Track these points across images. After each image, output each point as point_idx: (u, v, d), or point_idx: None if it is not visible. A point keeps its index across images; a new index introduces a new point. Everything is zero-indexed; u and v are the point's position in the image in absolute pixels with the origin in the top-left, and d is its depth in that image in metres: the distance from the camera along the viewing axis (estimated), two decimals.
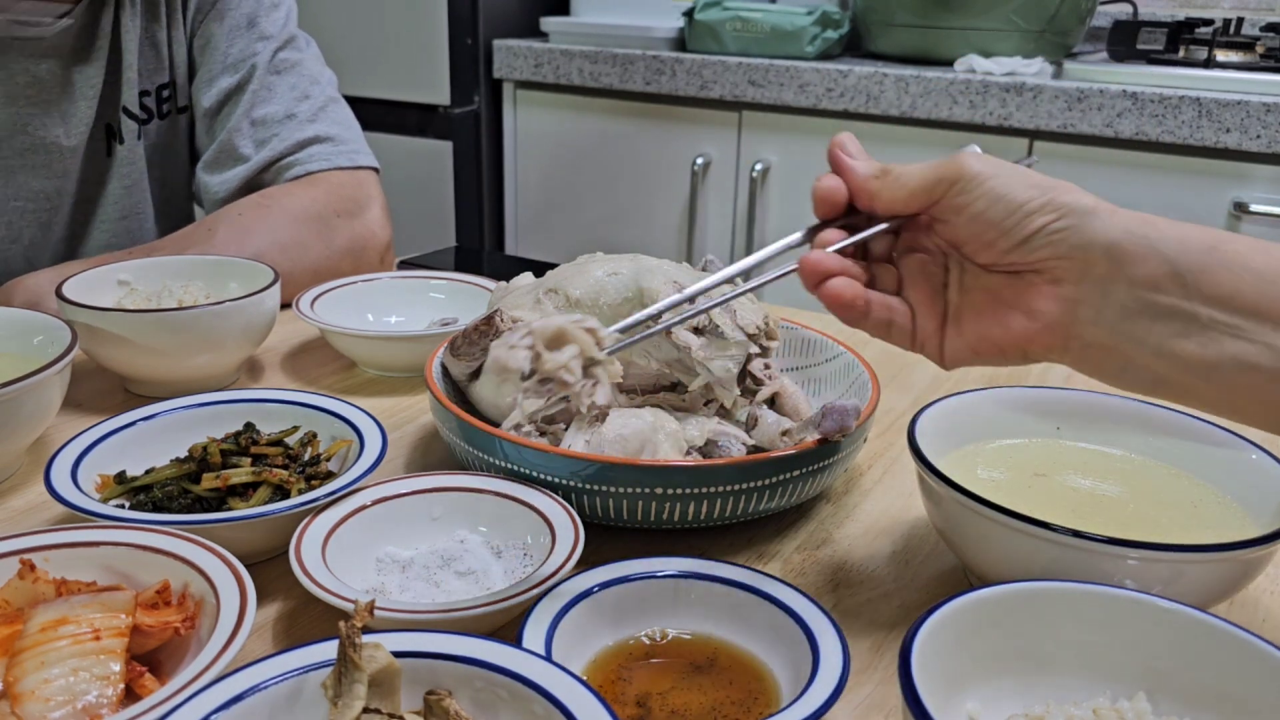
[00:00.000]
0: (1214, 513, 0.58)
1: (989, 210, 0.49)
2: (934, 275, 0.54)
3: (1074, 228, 0.48)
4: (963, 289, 0.53)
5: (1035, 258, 0.49)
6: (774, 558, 0.63)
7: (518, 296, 0.72)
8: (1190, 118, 1.50)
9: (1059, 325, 0.50)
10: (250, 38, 1.08)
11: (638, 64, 1.92)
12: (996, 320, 0.51)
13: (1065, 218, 0.48)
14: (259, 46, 1.08)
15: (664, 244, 2.01)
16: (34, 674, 0.44)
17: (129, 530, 0.53)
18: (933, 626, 0.43)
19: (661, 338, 0.66)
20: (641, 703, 0.49)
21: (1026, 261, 0.49)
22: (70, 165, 1.04)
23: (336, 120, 1.11)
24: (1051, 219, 0.48)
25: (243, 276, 0.87)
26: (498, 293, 0.76)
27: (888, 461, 0.75)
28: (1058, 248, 0.48)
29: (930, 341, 0.53)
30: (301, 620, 0.56)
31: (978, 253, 0.51)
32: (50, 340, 0.72)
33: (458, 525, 0.60)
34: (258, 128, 1.07)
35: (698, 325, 0.67)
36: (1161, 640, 0.45)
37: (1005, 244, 0.49)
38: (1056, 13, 1.74)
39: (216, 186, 1.08)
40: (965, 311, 0.53)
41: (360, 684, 0.40)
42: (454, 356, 0.70)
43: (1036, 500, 0.58)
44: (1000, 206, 0.49)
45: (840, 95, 1.74)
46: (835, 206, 0.54)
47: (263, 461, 0.63)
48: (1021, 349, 0.51)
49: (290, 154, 1.07)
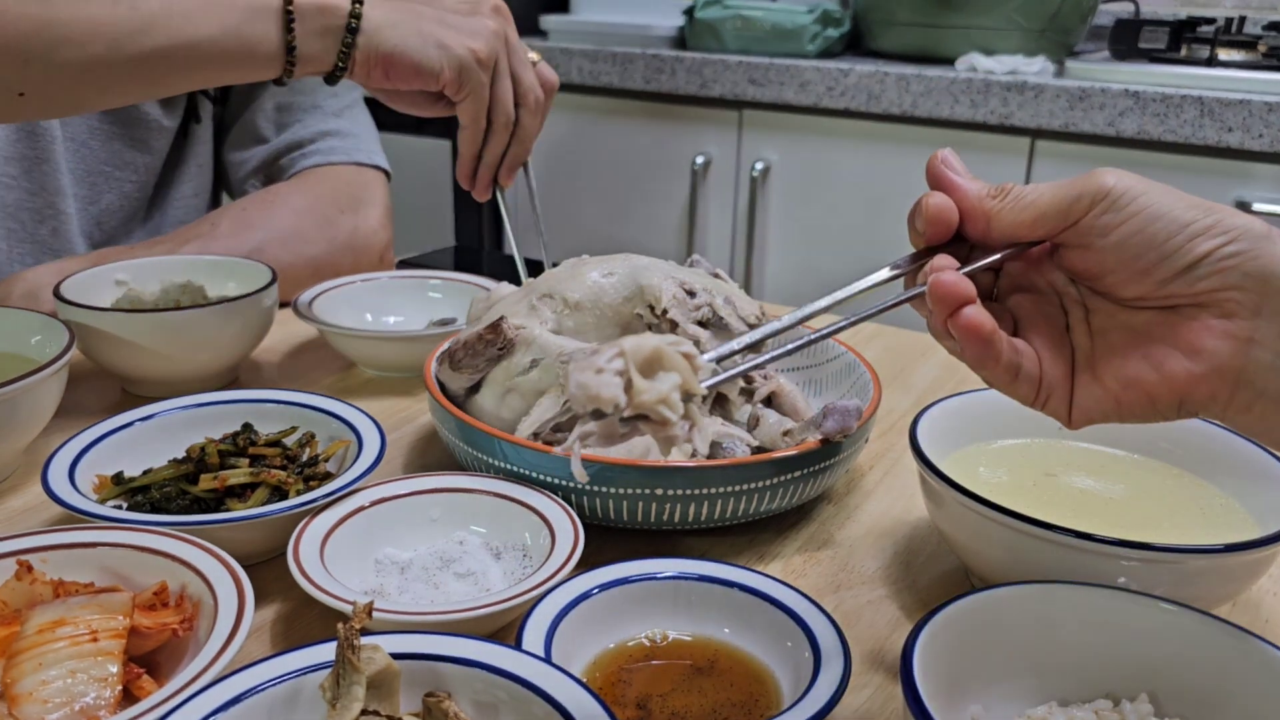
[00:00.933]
0: (1216, 513, 0.58)
1: (1146, 229, 0.41)
2: (1054, 318, 0.46)
3: (1248, 253, 0.40)
4: (1093, 332, 0.45)
5: (1201, 288, 0.41)
6: (775, 559, 0.63)
7: (508, 305, 0.70)
8: (1192, 117, 1.50)
9: (1229, 369, 0.41)
10: None
11: (637, 62, 1.92)
12: (1149, 362, 0.43)
13: (1237, 241, 0.40)
14: None
15: (664, 244, 2.01)
16: (32, 675, 0.44)
17: (126, 531, 0.53)
18: (935, 628, 0.43)
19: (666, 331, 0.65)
20: (642, 705, 0.48)
21: (1189, 293, 0.41)
22: (163, 144, 1.09)
23: (357, 120, 1.15)
24: (1222, 242, 0.40)
25: (241, 276, 0.87)
26: (478, 304, 0.73)
27: (889, 462, 0.75)
28: (1228, 276, 0.40)
29: (1058, 392, 0.45)
30: (300, 622, 0.56)
31: (1124, 284, 0.43)
32: (48, 340, 0.72)
33: (457, 526, 0.60)
34: (281, 113, 1.11)
35: (702, 318, 0.66)
36: (1164, 642, 0.45)
37: (1164, 271, 0.41)
38: (1058, 11, 1.74)
39: (236, 164, 1.13)
40: (1102, 355, 0.44)
41: (359, 686, 0.40)
42: (453, 370, 0.67)
43: (1038, 501, 0.58)
44: (1160, 226, 0.41)
45: (841, 94, 1.73)
46: (947, 229, 0.45)
47: (261, 462, 0.63)
48: (1179, 397, 0.42)
49: (308, 142, 1.10)
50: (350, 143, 1.11)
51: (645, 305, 0.67)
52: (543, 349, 0.65)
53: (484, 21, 0.77)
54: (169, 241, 0.95)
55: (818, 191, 1.84)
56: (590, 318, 0.67)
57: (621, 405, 0.40)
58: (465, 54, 0.75)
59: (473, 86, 0.77)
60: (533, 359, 0.66)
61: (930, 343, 0.98)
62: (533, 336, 0.66)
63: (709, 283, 0.70)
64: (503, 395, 0.66)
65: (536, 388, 0.65)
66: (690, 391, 0.42)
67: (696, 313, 0.66)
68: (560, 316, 0.68)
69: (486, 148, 0.81)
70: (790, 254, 1.90)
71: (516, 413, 0.66)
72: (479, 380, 0.68)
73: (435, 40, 0.75)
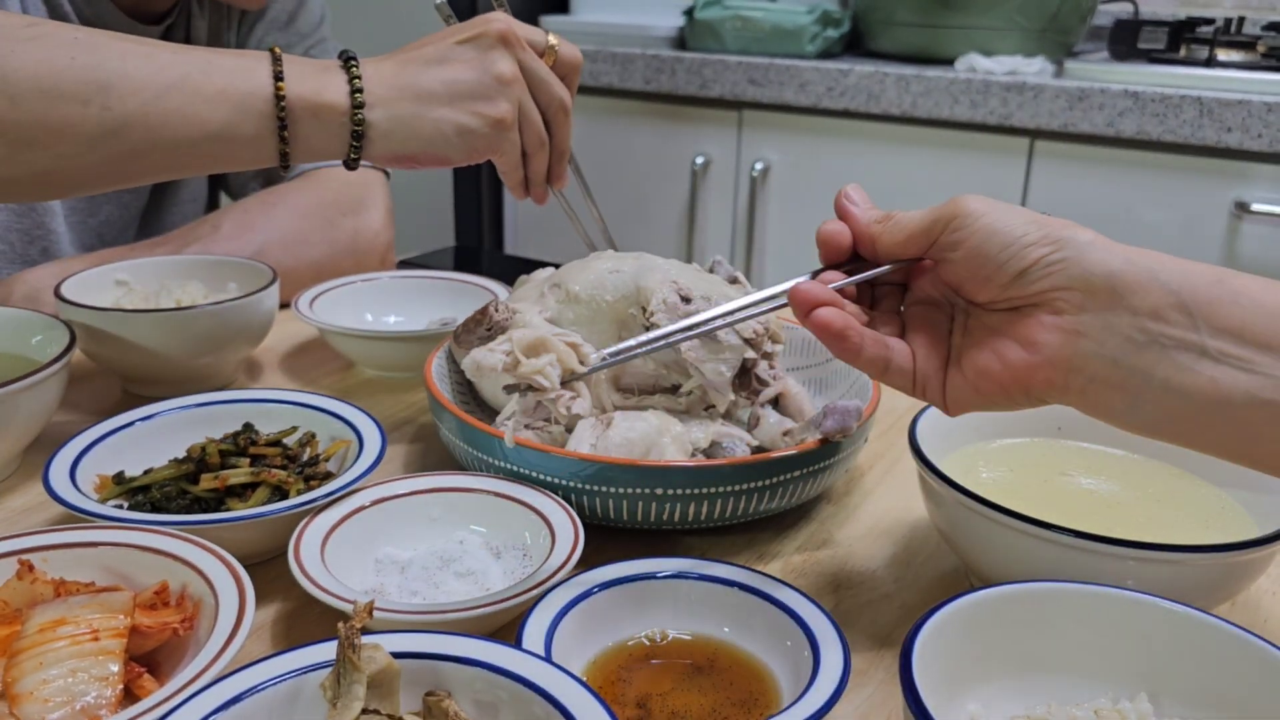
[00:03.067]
0: (1216, 513, 0.58)
1: (984, 245, 0.48)
2: (938, 322, 0.53)
3: (1071, 259, 0.47)
4: (965, 331, 0.52)
5: (1034, 290, 0.48)
6: (774, 558, 0.63)
7: (525, 290, 0.72)
8: (1192, 117, 1.50)
9: (1060, 358, 0.48)
10: (288, 34, 1.12)
11: (637, 63, 1.92)
12: (995, 354, 0.49)
13: (1062, 249, 0.47)
14: (293, 39, 1.12)
15: (664, 244, 2.01)
16: (32, 674, 0.44)
17: (127, 531, 0.53)
18: (934, 627, 0.43)
19: None
20: (642, 704, 0.49)
21: (1025, 295, 0.48)
22: None
23: None
24: (1049, 251, 0.47)
25: (242, 276, 0.87)
26: (518, 285, 0.77)
27: (889, 462, 0.75)
28: (1056, 279, 0.47)
29: (932, 383, 0.52)
30: (300, 621, 0.56)
31: (977, 291, 0.50)
32: (49, 340, 0.72)
33: (457, 526, 0.60)
34: None
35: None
36: (1163, 641, 0.45)
37: (1002, 278, 0.48)
38: (1058, 12, 1.74)
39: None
40: (966, 350, 0.51)
41: (359, 685, 0.40)
42: (456, 345, 0.71)
43: (1038, 500, 0.58)
44: (995, 240, 0.48)
45: (841, 94, 1.74)
46: (839, 251, 0.54)
47: (261, 462, 0.63)
48: (1023, 385, 0.49)
49: None
50: None
51: (639, 305, 0.67)
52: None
53: (496, 67, 0.69)
54: (171, 242, 0.95)
55: (817, 191, 1.84)
56: (587, 311, 0.68)
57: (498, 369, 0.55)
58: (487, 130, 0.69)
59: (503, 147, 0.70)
60: None
61: None
62: (525, 322, 0.67)
63: (714, 290, 0.69)
64: (471, 372, 0.67)
65: None
66: (570, 369, 0.55)
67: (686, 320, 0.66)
68: (561, 306, 0.68)
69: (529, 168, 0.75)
70: (790, 254, 1.90)
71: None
72: None
73: (453, 127, 0.67)
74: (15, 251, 1.00)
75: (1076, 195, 1.62)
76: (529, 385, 0.55)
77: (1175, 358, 0.46)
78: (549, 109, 0.73)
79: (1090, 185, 1.61)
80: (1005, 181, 1.65)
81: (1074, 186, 1.62)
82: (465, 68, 0.68)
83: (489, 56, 0.69)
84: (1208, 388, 0.46)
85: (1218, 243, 1.54)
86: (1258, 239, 1.52)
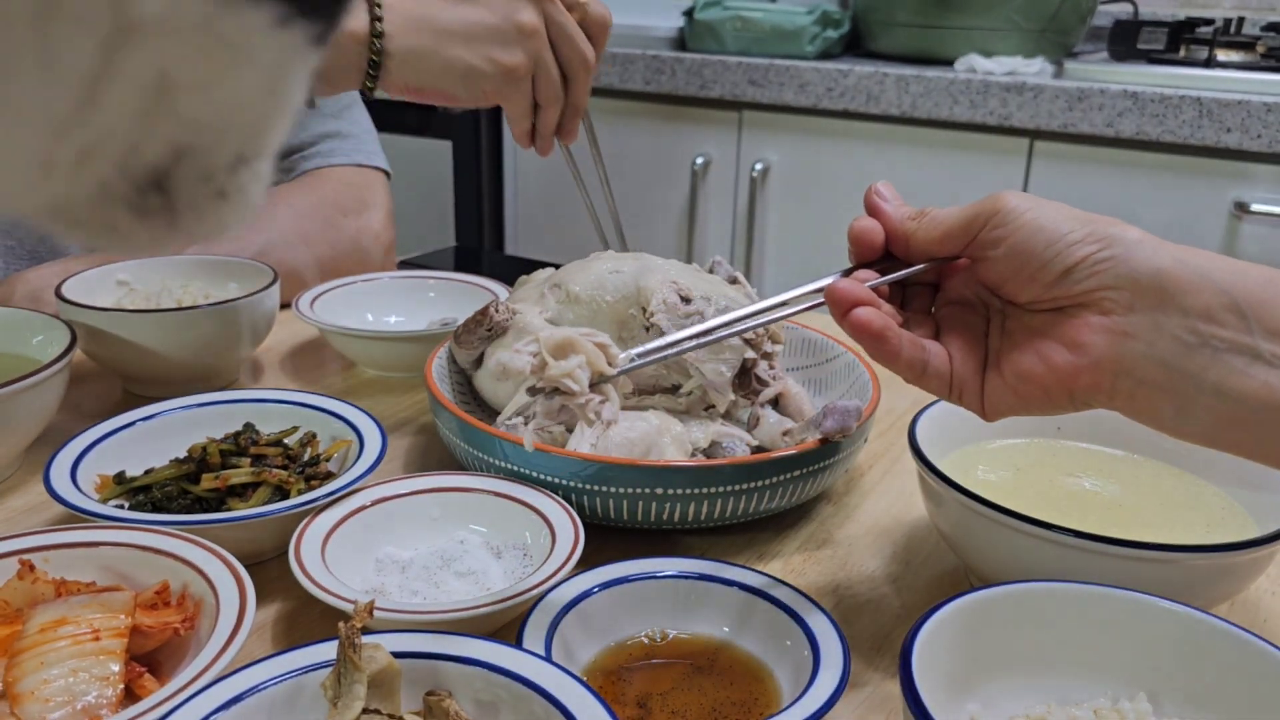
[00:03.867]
0: (1216, 513, 0.58)
1: (1029, 241, 0.46)
2: (974, 324, 0.51)
3: (1119, 257, 0.45)
4: (1004, 333, 0.50)
5: (1080, 289, 0.46)
6: (775, 558, 0.63)
7: (526, 290, 0.73)
8: (1191, 117, 1.50)
9: (1107, 360, 0.46)
10: None
11: (637, 63, 1.92)
12: (1038, 356, 0.47)
13: (1110, 247, 0.45)
14: None
15: (664, 244, 2.01)
16: (33, 674, 0.44)
17: (128, 530, 0.53)
18: (934, 627, 0.43)
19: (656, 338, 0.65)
20: (642, 703, 0.49)
21: (1071, 295, 0.46)
22: None
23: (356, 121, 1.14)
24: (1095, 249, 0.45)
25: (243, 276, 0.87)
26: (518, 285, 0.77)
27: (889, 462, 0.75)
28: (1103, 278, 0.45)
29: (969, 386, 0.49)
30: (301, 621, 0.56)
31: (1019, 290, 0.48)
32: (49, 340, 0.72)
33: (457, 526, 0.60)
34: None
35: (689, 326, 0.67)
36: (1162, 641, 0.45)
37: (1047, 276, 0.46)
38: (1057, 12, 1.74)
39: None
40: (1005, 353, 0.49)
41: (360, 685, 0.40)
42: (456, 345, 0.71)
43: (1037, 500, 0.58)
44: (1041, 237, 0.46)
45: (840, 95, 1.74)
46: (871, 249, 0.51)
47: (262, 462, 0.63)
48: (1067, 389, 0.47)
49: (309, 145, 1.09)
50: (350, 144, 1.11)
51: (639, 306, 0.67)
52: (529, 335, 0.67)
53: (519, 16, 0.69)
54: None
55: (817, 192, 1.84)
56: (587, 311, 0.68)
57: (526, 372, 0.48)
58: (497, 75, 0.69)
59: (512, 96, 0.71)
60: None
61: None
62: (525, 323, 0.67)
63: (714, 290, 0.69)
64: (496, 375, 0.68)
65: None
66: (599, 372, 0.51)
67: (685, 320, 0.67)
68: (561, 307, 0.68)
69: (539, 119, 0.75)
70: (789, 255, 1.90)
71: (508, 392, 0.68)
72: (481, 356, 0.70)
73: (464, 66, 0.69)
74: (24, 247, 1.00)
75: (1076, 196, 1.61)
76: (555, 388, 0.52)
77: (1227, 361, 0.44)
78: (570, 64, 0.73)
79: (1090, 186, 1.61)
80: (1005, 182, 1.65)
81: (1073, 187, 1.62)
82: (488, 11, 0.69)
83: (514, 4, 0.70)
84: (1261, 392, 0.44)
85: (1217, 243, 1.54)
86: (1257, 239, 1.52)
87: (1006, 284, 0.48)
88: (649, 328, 0.66)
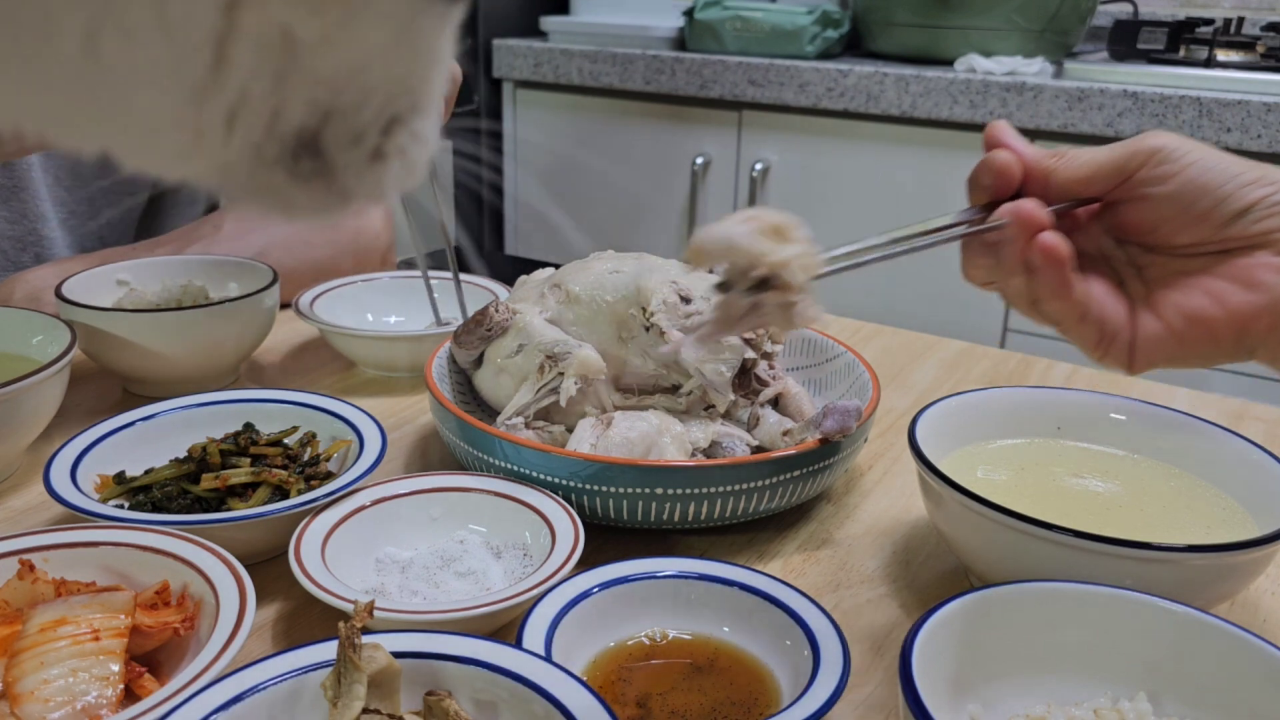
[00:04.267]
0: (1215, 513, 0.58)
1: (1201, 178, 0.44)
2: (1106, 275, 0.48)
3: None
4: (1146, 281, 0.47)
5: (1256, 230, 0.44)
6: (774, 558, 0.63)
7: (525, 290, 0.72)
8: (1191, 117, 1.50)
9: None
10: None
11: (637, 63, 1.92)
12: (1210, 297, 0.45)
13: None
14: None
15: (664, 244, 2.01)
16: (33, 674, 0.44)
17: (128, 530, 0.53)
18: (933, 627, 0.43)
19: (656, 338, 0.65)
20: (642, 703, 0.49)
21: (1246, 235, 0.44)
22: None
23: None
24: (1271, 190, 0.44)
25: (242, 276, 0.87)
26: (518, 285, 0.77)
27: (888, 462, 0.75)
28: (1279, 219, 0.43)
29: (1122, 334, 0.46)
30: (301, 621, 0.56)
31: (1179, 231, 0.46)
32: (49, 340, 0.72)
33: (457, 526, 0.60)
34: None
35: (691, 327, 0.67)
36: (1162, 641, 0.45)
37: (1220, 215, 0.44)
38: (1057, 12, 1.74)
39: None
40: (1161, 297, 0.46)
41: (360, 685, 0.40)
42: (457, 345, 0.71)
43: (1037, 500, 0.58)
44: (1213, 176, 0.44)
45: (840, 95, 1.74)
46: (1008, 185, 0.47)
47: (262, 462, 0.63)
48: (1240, 330, 0.45)
49: None
50: None
51: (639, 306, 0.67)
52: (529, 335, 0.67)
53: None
54: (172, 242, 0.95)
55: (817, 192, 1.84)
56: (586, 312, 0.68)
57: (755, 256, 0.39)
58: None
59: None
60: (520, 344, 0.67)
61: (929, 342, 0.98)
62: (524, 323, 0.67)
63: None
64: (496, 375, 0.69)
65: (522, 372, 0.67)
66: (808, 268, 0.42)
67: (686, 320, 0.67)
68: (561, 307, 0.68)
69: None
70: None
71: (507, 392, 0.68)
72: (481, 356, 0.70)
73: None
74: (8, 259, 1.00)
75: None
76: (765, 280, 0.41)
77: None
78: None
79: None
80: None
81: None
82: None
83: None
84: None
85: None
86: None
87: (1164, 226, 0.46)
88: (649, 328, 0.66)
